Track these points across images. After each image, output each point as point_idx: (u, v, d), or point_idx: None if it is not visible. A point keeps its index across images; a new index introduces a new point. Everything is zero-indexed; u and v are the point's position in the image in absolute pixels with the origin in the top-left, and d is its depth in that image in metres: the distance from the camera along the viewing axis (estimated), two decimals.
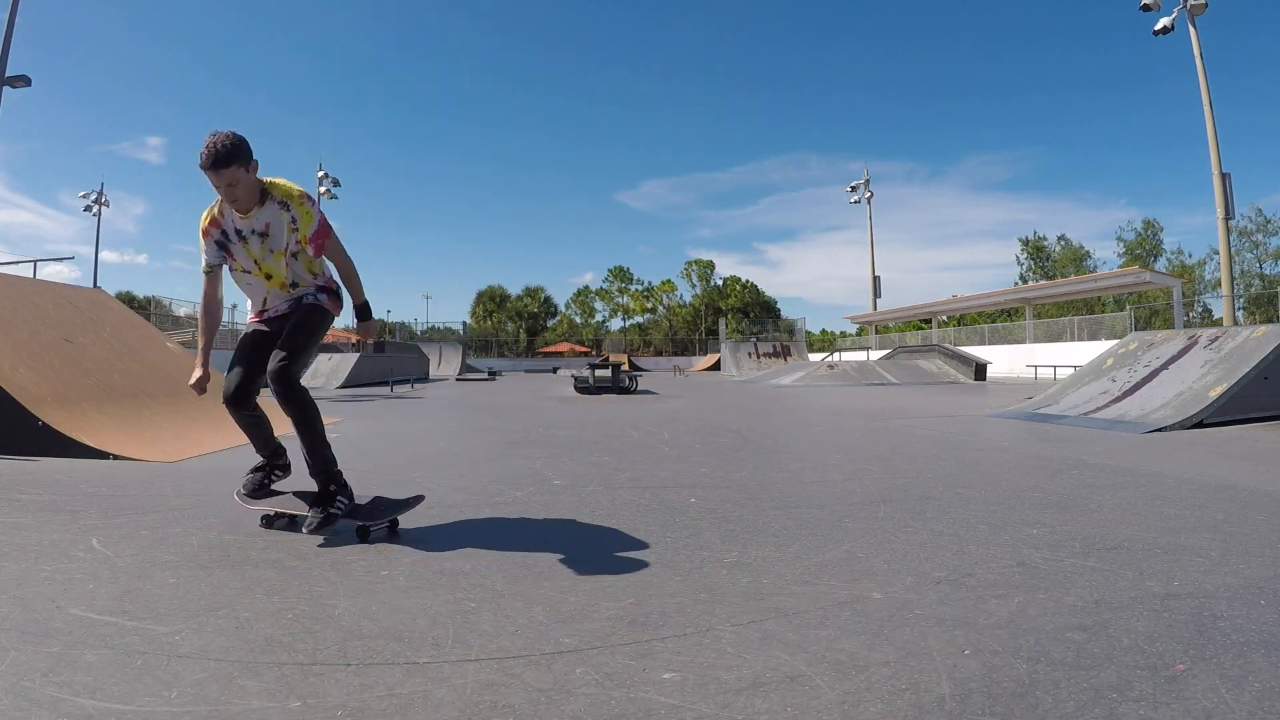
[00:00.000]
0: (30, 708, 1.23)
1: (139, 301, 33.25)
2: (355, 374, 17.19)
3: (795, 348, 33.06)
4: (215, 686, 1.32)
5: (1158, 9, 19.75)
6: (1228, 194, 18.81)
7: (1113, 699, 1.25)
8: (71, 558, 2.19)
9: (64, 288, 7.00)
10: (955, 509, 2.91)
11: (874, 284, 37.88)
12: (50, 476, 3.64)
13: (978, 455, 4.58)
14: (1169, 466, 3.93)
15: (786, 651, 1.48)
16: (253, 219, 2.46)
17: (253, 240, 2.49)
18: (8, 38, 17.16)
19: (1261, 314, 32.43)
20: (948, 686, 1.31)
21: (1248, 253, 41.09)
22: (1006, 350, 25.01)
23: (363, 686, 1.33)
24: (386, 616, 1.70)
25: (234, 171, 2.32)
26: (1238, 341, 6.64)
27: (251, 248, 2.50)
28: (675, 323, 59.98)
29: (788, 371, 20.62)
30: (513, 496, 3.20)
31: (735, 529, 2.63)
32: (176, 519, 2.75)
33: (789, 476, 3.94)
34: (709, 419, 7.69)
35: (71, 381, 5.01)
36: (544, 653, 1.49)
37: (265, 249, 2.50)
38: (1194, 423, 5.77)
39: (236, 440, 5.30)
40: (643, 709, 1.24)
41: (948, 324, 37.69)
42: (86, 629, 1.60)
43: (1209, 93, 18.93)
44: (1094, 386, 7.45)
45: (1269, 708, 1.21)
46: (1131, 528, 2.54)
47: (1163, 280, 26.54)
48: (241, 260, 2.53)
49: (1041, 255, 50.77)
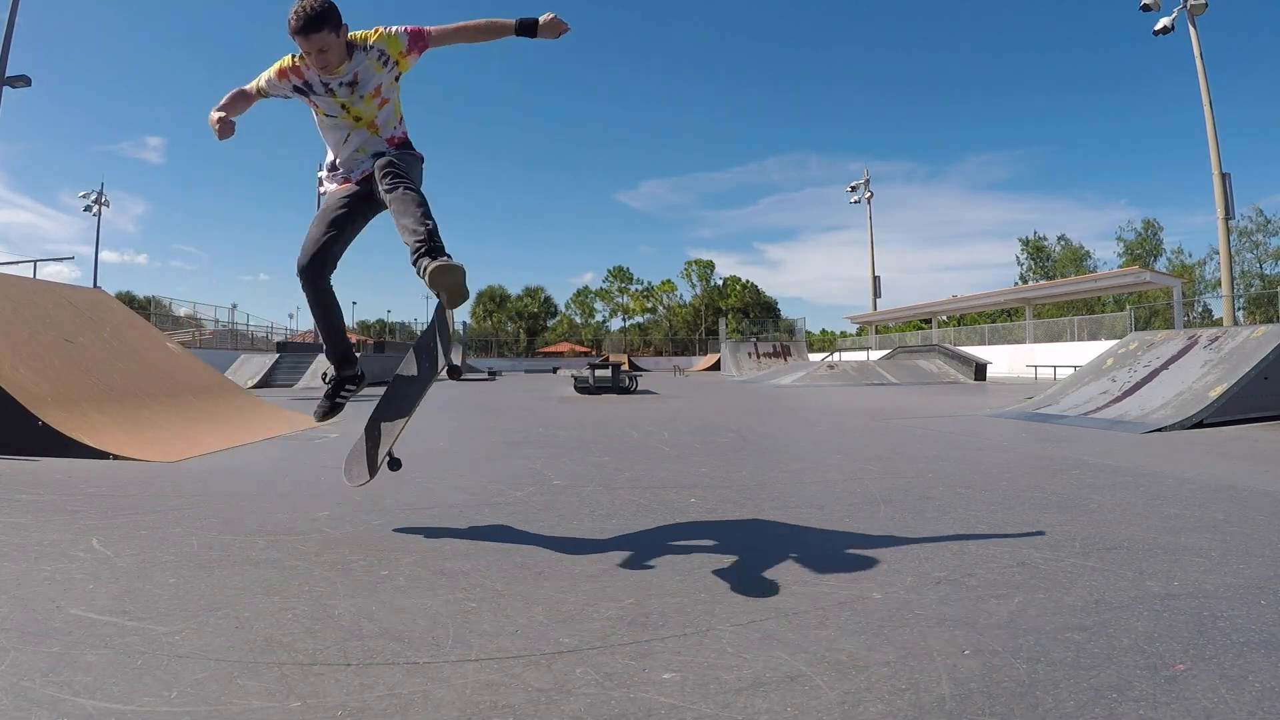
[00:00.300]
0: (30, 708, 1.23)
1: (139, 301, 33.25)
2: None
3: (795, 348, 33.07)
4: (215, 686, 1.32)
5: (1158, 9, 19.75)
6: (1228, 194, 18.81)
7: (1113, 699, 1.25)
8: (71, 558, 2.19)
9: (64, 288, 7.00)
10: (955, 509, 2.91)
11: (874, 284, 37.90)
12: (50, 476, 3.64)
13: (978, 455, 4.58)
14: (1169, 466, 3.93)
15: (786, 651, 1.48)
16: (341, 74, 2.37)
17: (341, 91, 2.40)
18: (8, 38, 17.16)
19: (1261, 314, 32.43)
20: (948, 686, 1.31)
21: (1248, 253, 41.12)
22: (1006, 350, 25.02)
23: (363, 686, 1.33)
24: (386, 616, 1.70)
25: (325, 36, 2.20)
26: (1238, 341, 6.64)
27: (339, 96, 2.41)
28: (675, 323, 60.00)
29: (788, 371, 20.62)
30: (513, 496, 3.20)
31: (735, 529, 2.63)
32: (176, 519, 2.75)
33: (789, 476, 3.94)
34: (709, 419, 7.69)
35: (71, 381, 5.00)
36: (544, 653, 1.49)
37: (354, 95, 2.42)
38: (1194, 423, 5.77)
39: (236, 440, 5.32)
40: (643, 709, 1.24)
41: (948, 324, 37.69)
42: (86, 629, 1.60)
43: (1209, 93, 18.95)
44: (1094, 386, 7.44)
45: (1269, 708, 1.21)
46: (1131, 528, 2.54)
47: (1163, 280, 26.55)
48: (326, 107, 2.45)
49: (1041, 255, 50.79)
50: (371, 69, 2.38)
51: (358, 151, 2.52)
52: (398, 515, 2.83)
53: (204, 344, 26.08)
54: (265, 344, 29.50)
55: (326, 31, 2.19)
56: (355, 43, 2.36)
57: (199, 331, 28.85)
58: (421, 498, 3.20)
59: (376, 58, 2.37)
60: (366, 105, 2.43)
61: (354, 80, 2.38)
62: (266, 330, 34.04)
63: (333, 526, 2.63)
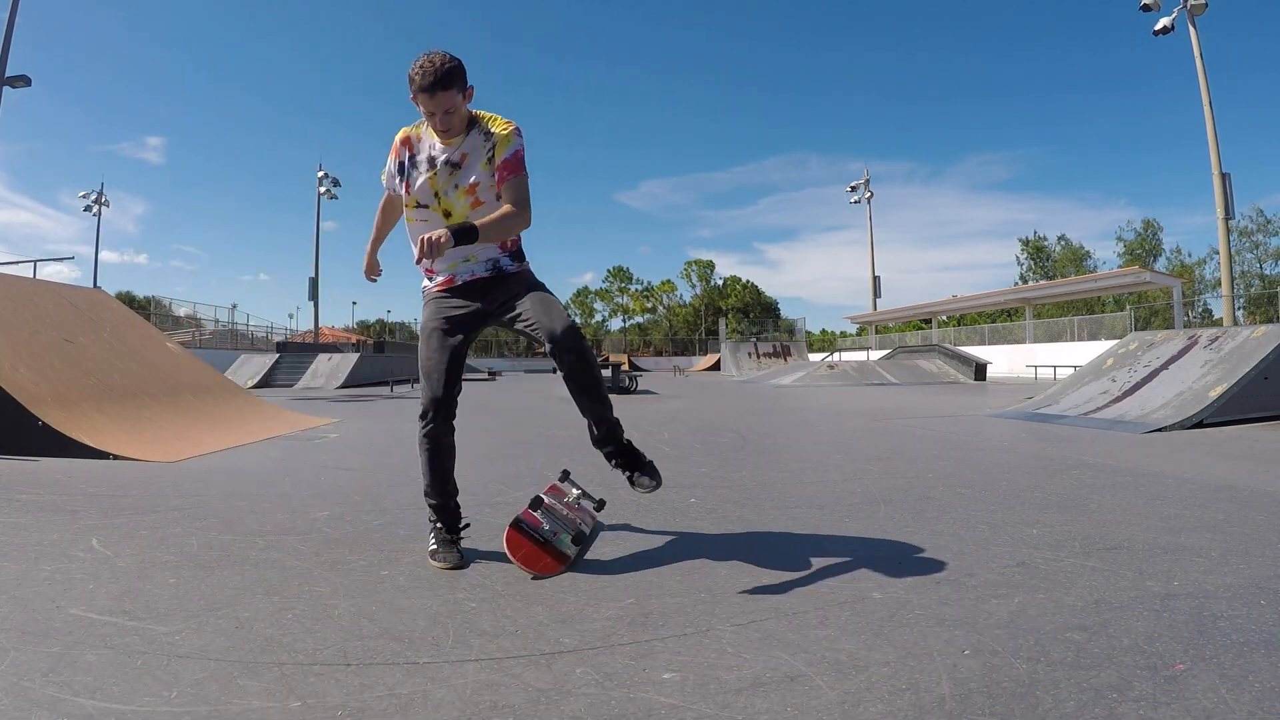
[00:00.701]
0: (30, 708, 1.23)
1: (139, 301, 33.25)
2: (355, 374, 17.20)
3: (795, 348, 33.06)
4: (215, 686, 1.32)
5: (1158, 9, 19.74)
6: (1228, 194, 18.80)
7: (1113, 699, 1.25)
8: (71, 558, 2.19)
9: (64, 288, 7.00)
10: (955, 509, 2.91)
11: (874, 284, 37.87)
12: (50, 476, 3.64)
13: (978, 455, 4.58)
14: (1169, 466, 3.93)
15: (786, 651, 1.48)
16: (453, 147, 2.16)
17: (442, 170, 2.16)
18: (8, 38, 17.17)
19: (1261, 314, 32.42)
20: (948, 686, 1.31)
21: (1248, 253, 41.10)
22: (1006, 350, 25.01)
23: (363, 686, 1.33)
24: (386, 616, 1.70)
25: (453, 96, 2.05)
26: (1238, 341, 6.64)
27: (439, 178, 2.16)
28: (675, 323, 60.02)
29: (788, 371, 20.62)
30: (513, 497, 3.20)
31: (735, 529, 2.63)
32: (176, 519, 2.75)
33: (789, 476, 3.94)
34: (709, 419, 7.69)
35: (71, 381, 5.01)
36: (544, 653, 1.49)
37: (451, 181, 2.16)
38: (1194, 423, 5.77)
39: (236, 440, 5.32)
40: (643, 709, 1.24)
41: (948, 324, 37.70)
42: (86, 629, 1.60)
43: (1209, 93, 18.93)
44: (1094, 386, 7.44)
45: (1269, 708, 1.21)
46: (1131, 528, 2.54)
47: (1163, 280, 26.54)
48: (419, 192, 2.18)
49: (1041, 255, 50.78)
50: (479, 159, 2.15)
51: (465, 261, 2.22)
52: (398, 515, 2.83)
53: (204, 344, 26.08)
54: (265, 344, 29.51)
55: (455, 90, 2.05)
56: (478, 122, 2.17)
57: (199, 331, 28.86)
58: (421, 498, 3.19)
59: (486, 151, 2.14)
60: (460, 201, 2.16)
61: (459, 162, 2.15)
62: (266, 330, 34.05)
63: (333, 526, 2.63)
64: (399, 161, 2.22)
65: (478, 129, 2.15)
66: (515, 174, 2.14)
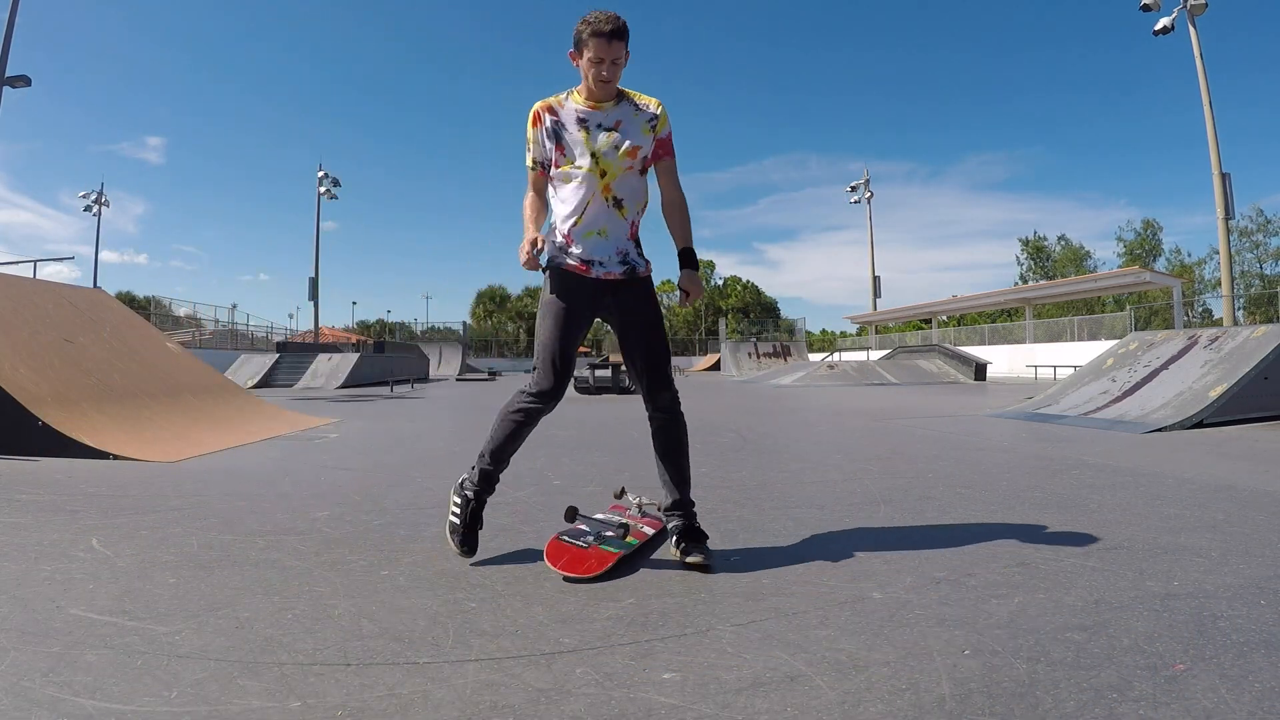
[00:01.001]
0: (30, 708, 1.23)
1: (139, 301, 33.24)
2: (355, 374, 17.21)
3: (795, 348, 33.08)
4: (215, 686, 1.32)
5: (1158, 9, 19.75)
6: (1228, 194, 18.80)
7: (1113, 699, 1.25)
8: (71, 558, 2.19)
9: (64, 288, 7.00)
10: (955, 509, 2.91)
11: (874, 284, 37.88)
12: (50, 476, 3.64)
13: (978, 455, 4.58)
14: (1169, 466, 3.93)
15: (786, 651, 1.48)
16: (603, 112, 2.20)
17: (596, 132, 2.19)
18: (8, 38, 17.17)
19: (1261, 314, 32.41)
20: (948, 686, 1.31)
21: (1248, 253, 41.10)
22: (1006, 350, 25.02)
23: (363, 686, 1.33)
24: (386, 616, 1.70)
25: (624, 48, 2.12)
26: (1238, 341, 6.64)
27: (593, 139, 2.18)
28: (675, 323, 59.97)
29: (788, 371, 20.63)
30: (513, 497, 3.20)
31: (735, 529, 2.64)
32: (176, 519, 2.75)
33: (789, 476, 3.94)
34: (709, 419, 7.69)
35: (71, 381, 5.01)
36: (544, 653, 1.49)
37: (610, 143, 2.18)
38: (1194, 423, 5.77)
39: (236, 440, 5.32)
40: (643, 709, 1.24)
41: (948, 324, 37.70)
42: (86, 629, 1.60)
43: (1209, 93, 18.94)
44: (1094, 386, 7.45)
45: (1269, 708, 1.21)
46: (1131, 528, 2.54)
47: (1163, 280, 26.56)
48: (575, 151, 2.19)
49: (1041, 255, 50.78)
50: (639, 126, 2.21)
51: (599, 235, 2.22)
52: (398, 515, 2.83)
53: (204, 344, 26.08)
54: (265, 344, 29.51)
55: (625, 45, 2.12)
56: (626, 96, 2.24)
57: (199, 331, 28.85)
58: (421, 498, 3.20)
59: (647, 121, 2.22)
60: (620, 162, 2.18)
61: (615, 127, 2.19)
62: (266, 330, 34.05)
63: (333, 526, 2.63)
64: (546, 128, 2.23)
65: (627, 100, 2.24)
66: (671, 156, 2.30)
